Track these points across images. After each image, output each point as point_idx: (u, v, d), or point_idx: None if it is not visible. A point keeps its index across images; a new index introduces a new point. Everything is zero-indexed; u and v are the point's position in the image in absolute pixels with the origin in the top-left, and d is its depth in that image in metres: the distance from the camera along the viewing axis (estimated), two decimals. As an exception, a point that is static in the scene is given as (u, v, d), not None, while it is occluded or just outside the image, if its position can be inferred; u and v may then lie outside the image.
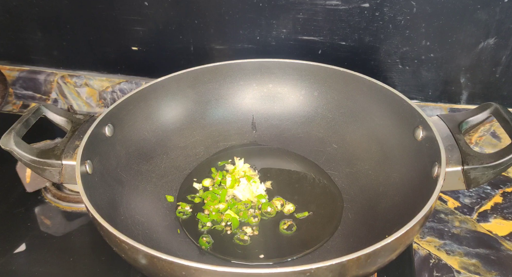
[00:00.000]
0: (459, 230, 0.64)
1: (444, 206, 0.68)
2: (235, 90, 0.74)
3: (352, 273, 0.44)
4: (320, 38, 0.78)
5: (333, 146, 0.71)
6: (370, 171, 0.66)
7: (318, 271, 0.41)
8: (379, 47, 0.77)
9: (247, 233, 0.61)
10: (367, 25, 0.75)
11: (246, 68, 0.74)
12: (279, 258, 0.57)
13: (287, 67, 0.73)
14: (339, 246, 0.59)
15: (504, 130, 0.56)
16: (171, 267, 0.42)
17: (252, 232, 0.61)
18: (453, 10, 0.70)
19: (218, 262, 0.57)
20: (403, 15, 0.72)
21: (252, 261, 0.57)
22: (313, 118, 0.74)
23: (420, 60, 0.77)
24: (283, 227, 0.62)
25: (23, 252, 0.62)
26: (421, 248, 0.62)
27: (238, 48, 0.82)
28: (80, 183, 0.52)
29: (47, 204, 0.70)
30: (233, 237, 0.61)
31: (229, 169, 0.70)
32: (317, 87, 0.73)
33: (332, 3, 0.73)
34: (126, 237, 0.45)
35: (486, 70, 0.76)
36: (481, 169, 0.54)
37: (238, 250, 0.59)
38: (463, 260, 0.60)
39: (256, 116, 0.76)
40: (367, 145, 0.68)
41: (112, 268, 0.59)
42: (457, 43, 0.74)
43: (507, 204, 0.68)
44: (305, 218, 0.63)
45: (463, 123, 0.60)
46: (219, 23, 0.79)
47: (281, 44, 0.80)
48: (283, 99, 0.75)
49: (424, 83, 0.79)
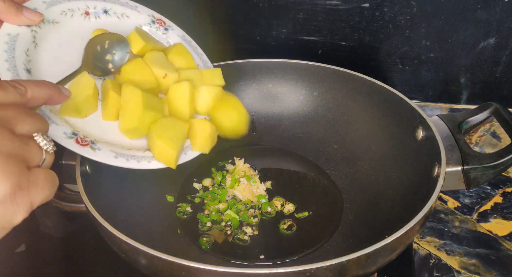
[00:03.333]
0: (459, 230, 0.64)
1: (444, 206, 0.68)
2: (235, 90, 0.74)
3: (352, 273, 0.44)
4: (320, 38, 0.78)
5: (333, 146, 0.71)
6: (370, 171, 0.66)
7: (318, 271, 0.41)
8: (379, 47, 0.77)
9: (247, 233, 0.61)
10: (367, 25, 0.75)
11: (246, 68, 0.74)
12: (279, 258, 0.57)
13: (287, 67, 0.73)
14: (339, 246, 0.59)
15: (504, 130, 0.56)
16: (171, 267, 0.42)
17: (252, 232, 0.61)
18: (453, 10, 0.70)
19: (218, 262, 0.57)
20: (403, 15, 0.72)
21: (252, 261, 0.57)
22: (313, 118, 0.74)
23: (420, 60, 0.77)
24: (283, 227, 0.62)
25: (23, 252, 0.62)
26: (421, 248, 0.62)
27: (238, 48, 0.82)
28: (80, 183, 0.52)
29: (47, 203, 0.69)
30: (233, 237, 0.61)
31: (229, 169, 0.70)
32: (317, 87, 0.73)
33: (332, 3, 0.74)
34: (126, 237, 0.45)
35: (486, 70, 0.76)
36: (481, 169, 0.54)
37: (238, 250, 0.59)
38: (463, 260, 0.60)
39: (256, 116, 0.76)
40: (367, 145, 0.68)
41: (112, 268, 0.59)
42: (457, 43, 0.74)
43: (507, 204, 0.68)
44: (305, 218, 0.63)
45: (463, 123, 0.60)
46: (219, 23, 0.79)
47: (281, 44, 0.80)
48: (283, 99, 0.75)
49: (424, 83, 0.79)
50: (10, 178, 0.32)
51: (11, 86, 0.37)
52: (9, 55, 0.49)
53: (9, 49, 0.49)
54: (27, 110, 0.37)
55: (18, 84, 0.37)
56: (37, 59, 0.52)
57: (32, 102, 0.39)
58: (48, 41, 0.54)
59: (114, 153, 0.52)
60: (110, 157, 0.52)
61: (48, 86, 0.41)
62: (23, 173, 0.34)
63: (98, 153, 0.51)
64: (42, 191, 0.35)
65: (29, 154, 0.35)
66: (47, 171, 0.37)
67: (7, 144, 0.33)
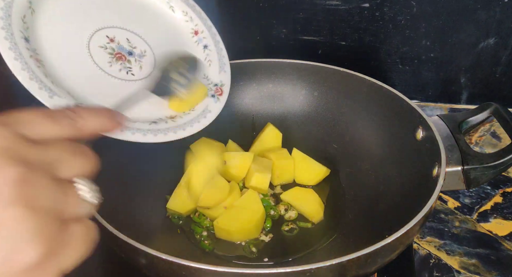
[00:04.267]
0: (459, 230, 0.64)
1: (444, 206, 0.68)
2: (235, 90, 0.74)
3: (352, 273, 0.44)
4: (320, 38, 0.78)
5: (333, 145, 0.71)
6: (370, 170, 0.66)
7: (318, 271, 0.41)
8: (379, 47, 0.77)
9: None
10: (367, 25, 0.75)
11: (246, 68, 0.74)
12: (279, 258, 0.57)
13: (287, 67, 0.73)
14: (339, 246, 0.59)
15: (504, 130, 0.56)
16: (171, 267, 0.42)
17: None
18: (453, 10, 0.70)
19: (218, 262, 0.57)
20: (403, 15, 0.72)
21: (254, 262, 0.57)
22: (313, 118, 0.73)
23: (420, 60, 0.77)
24: (285, 228, 0.62)
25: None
26: (421, 248, 0.62)
27: (238, 48, 0.82)
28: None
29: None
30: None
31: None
32: (317, 87, 0.73)
33: (332, 3, 0.74)
34: (126, 237, 0.45)
35: (486, 70, 0.76)
36: (481, 169, 0.54)
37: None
38: (463, 260, 0.60)
39: (256, 116, 0.76)
40: (367, 145, 0.68)
41: (112, 268, 0.59)
42: (457, 43, 0.74)
43: (507, 204, 0.68)
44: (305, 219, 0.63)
45: (463, 123, 0.60)
46: (219, 22, 0.79)
47: (281, 44, 0.80)
48: (283, 99, 0.75)
49: (424, 83, 0.79)
50: (44, 242, 0.25)
51: (62, 116, 0.30)
52: (5, 22, 0.45)
53: (5, 16, 0.45)
54: (75, 146, 0.30)
55: (73, 113, 0.31)
56: (35, 28, 0.48)
57: (82, 134, 0.32)
58: (46, 9, 0.50)
59: None
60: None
61: (104, 114, 0.34)
62: (58, 234, 0.27)
63: None
64: (76, 253, 0.28)
65: (69, 206, 0.28)
66: (86, 225, 0.30)
67: (46, 196, 0.26)
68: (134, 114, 0.50)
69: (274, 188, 0.67)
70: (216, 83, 0.60)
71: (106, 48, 0.53)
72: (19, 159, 0.26)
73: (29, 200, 0.25)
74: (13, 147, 0.26)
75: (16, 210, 0.25)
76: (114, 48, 0.54)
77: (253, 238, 0.59)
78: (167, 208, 0.63)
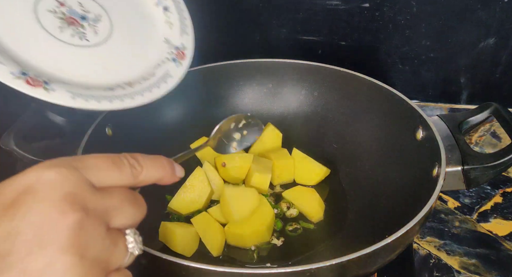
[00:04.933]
0: (459, 230, 0.64)
1: (444, 206, 0.68)
2: (235, 90, 0.74)
3: (352, 273, 0.44)
4: (320, 38, 0.78)
5: (333, 145, 0.72)
6: (370, 171, 0.66)
7: (318, 271, 0.41)
8: (379, 47, 0.77)
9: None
10: (367, 25, 0.75)
11: (246, 68, 0.74)
12: (280, 261, 0.57)
13: (287, 67, 0.73)
14: (339, 246, 0.59)
15: (504, 130, 0.56)
16: (171, 267, 0.42)
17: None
18: (453, 10, 0.70)
19: (218, 262, 0.57)
20: (403, 15, 0.72)
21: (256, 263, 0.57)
22: (313, 118, 0.73)
23: (420, 60, 0.77)
24: (289, 228, 0.62)
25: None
26: (421, 248, 0.62)
27: (238, 48, 0.82)
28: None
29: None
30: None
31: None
32: (317, 87, 0.73)
33: (332, 3, 0.74)
34: (126, 237, 0.45)
35: (486, 70, 0.76)
36: (481, 169, 0.54)
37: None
38: (463, 260, 0.60)
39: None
40: (367, 145, 0.68)
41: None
42: (457, 43, 0.74)
43: (507, 204, 0.68)
44: (306, 219, 0.63)
45: (463, 123, 0.60)
46: (220, 22, 0.79)
47: (281, 44, 0.80)
48: (283, 99, 0.75)
49: (424, 83, 0.79)
50: None
51: (127, 165, 0.30)
52: None
53: None
54: (132, 195, 0.30)
55: (136, 162, 0.31)
56: None
57: (141, 184, 0.32)
58: None
59: (71, 93, 0.46)
60: (67, 97, 0.45)
61: (164, 166, 0.34)
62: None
63: (52, 93, 0.45)
64: None
65: (116, 258, 0.28)
66: (124, 274, 0.30)
67: (98, 246, 0.26)
68: (89, 80, 0.48)
69: (274, 188, 0.67)
70: (177, 46, 0.58)
71: (56, 12, 0.50)
72: (80, 205, 0.26)
73: (82, 248, 0.25)
74: (78, 193, 0.26)
75: (68, 257, 0.25)
76: (65, 13, 0.51)
77: (265, 241, 0.59)
78: (168, 207, 0.63)
